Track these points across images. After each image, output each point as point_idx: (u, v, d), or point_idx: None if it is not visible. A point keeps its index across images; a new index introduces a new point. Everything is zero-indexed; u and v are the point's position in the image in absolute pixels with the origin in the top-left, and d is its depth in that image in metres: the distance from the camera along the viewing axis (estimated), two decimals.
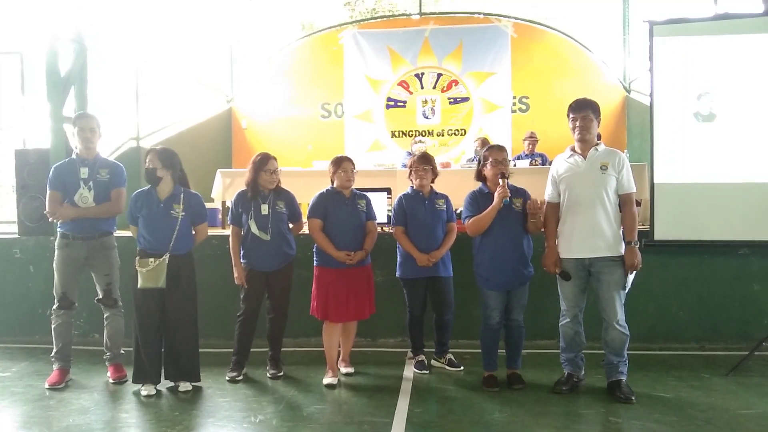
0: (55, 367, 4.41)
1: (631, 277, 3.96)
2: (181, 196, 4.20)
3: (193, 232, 4.30)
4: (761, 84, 4.96)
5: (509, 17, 10.22)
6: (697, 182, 5.09)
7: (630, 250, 3.89)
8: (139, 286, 4.06)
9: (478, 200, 4.17)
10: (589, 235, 3.90)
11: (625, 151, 7.93)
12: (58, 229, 4.44)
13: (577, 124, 3.95)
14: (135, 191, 4.27)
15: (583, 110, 3.95)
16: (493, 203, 4.03)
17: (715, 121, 5.06)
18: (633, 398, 3.85)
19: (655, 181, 5.18)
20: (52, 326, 4.42)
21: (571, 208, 3.98)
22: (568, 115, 4.03)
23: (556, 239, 4.07)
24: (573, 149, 4.06)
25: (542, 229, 4.17)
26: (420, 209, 4.49)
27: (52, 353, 4.43)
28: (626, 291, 3.98)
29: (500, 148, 4.24)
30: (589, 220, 3.90)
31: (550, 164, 7.73)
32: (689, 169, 5.11)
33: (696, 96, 5.08)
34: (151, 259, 4.06)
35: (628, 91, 9.84)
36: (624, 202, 3.96)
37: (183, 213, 4.17)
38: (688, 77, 5.10)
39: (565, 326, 4.09)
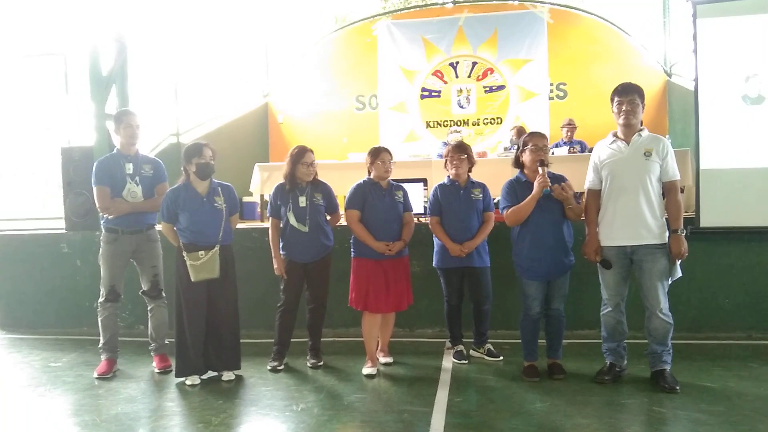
0: (102, 357, 4.55)
1: (678, 266, 3.88)
2: (219, 188, 4.28)
3: None
4: None
5: (545, 3, 10.04)
6: (745, 167, 4.93)
7: (676, 239, 3.81)
8: (193, 279, 4.12)
9: (516, 189, 4.12)
10: (631, 223, 3.83)
11: (667, 136, 7.73)
12: (104, 225, 4.54)
13: (623, 108, 3.85)
14: (169, 190, 4.28)
15: (630, 94, 3.86)
16: (533, 192, 3.97)
17: (764, 104, 4.89)
18: (677, 388, 3.77)
19: (701, 166, 5.04)
20: (99, 318, 4.55)
21: (613, 195, 3.90)
22: (612, 99, 3.94)
23: (597, 227, 4.00)
24: (615, 135, 3.97)
25: (582, 217, 4.11)
26: (454, 199, 4.47)
27: (100, 344, 4.57)
28: (673, 281, 3.91)
29: (541, 135, 4.18)
30: (631, 207, 3.82)
31: (589, 151, 7.63)
32: (736, 153, 4.96)
33: (744, 78, 4.92)
34: (201, 252, 4.13)
35: (669, 75, 9.57)
36: (668, 190, 3.88)
37: (225, 204, 4.25)
38: (734, 59, 4.93)
39: (607, 315, 4.02)
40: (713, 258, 5.14)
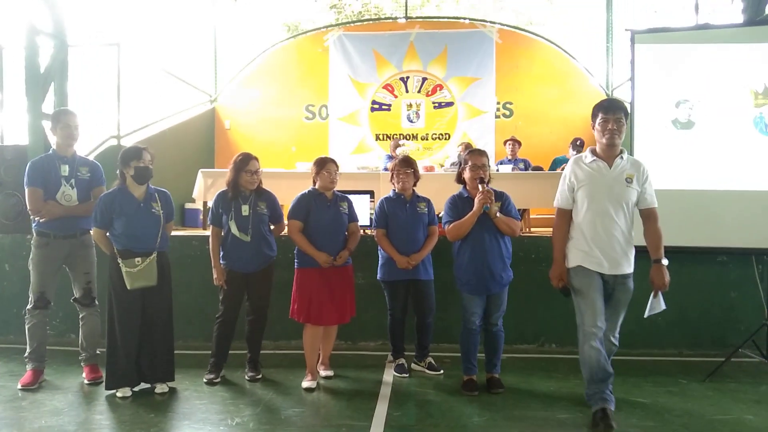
0: (28, 367, 4.34)
1: (661, 298, 3.66)
2: (156, 194, 4.17)
3: None
4: (738, 93, 5.03)
5: (494, 23, 10.28)
6: (675, 189, 5.12)
7: (658, 269, 3.60)
8: (129, 287, 3.97)
9: (458, 205, 4.17)
10: (611, 251, 3.60)
11: None
12: (35, 228, 4.34)
13: (609, 126, 3.53)
14: (103, 194, 4.14)
15: (617, 112, 3.55)
16: (473, 209, 4.02)
17: (694, 129, 5.12)
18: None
19: None
20: (27, 326, 4.34)
21: (592, 219, 3.62)
22: (594, 115, 3.63)
23: (567, 249, 3.75)
24: (595, 153, 3.68)
25: (521, 232, 4.13)
26: (401, 212, 4.49)
27: (26, 353, 4.35)
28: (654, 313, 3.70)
29: (480, 153, 4.23)
30: (612, 234, 3.58)
31: (533, 170, 7.82)
32: (667, 176, 5.13)
33: (674, 103, 5.14)
34: (138, 259, 4.00)
35: None
36: (647, 217, 3.67)
37: (162, 210, 4.13)
38: (667, 85, 5.16)
39: (592, 349, 3.54)
40: (646, 277, 5.27)
